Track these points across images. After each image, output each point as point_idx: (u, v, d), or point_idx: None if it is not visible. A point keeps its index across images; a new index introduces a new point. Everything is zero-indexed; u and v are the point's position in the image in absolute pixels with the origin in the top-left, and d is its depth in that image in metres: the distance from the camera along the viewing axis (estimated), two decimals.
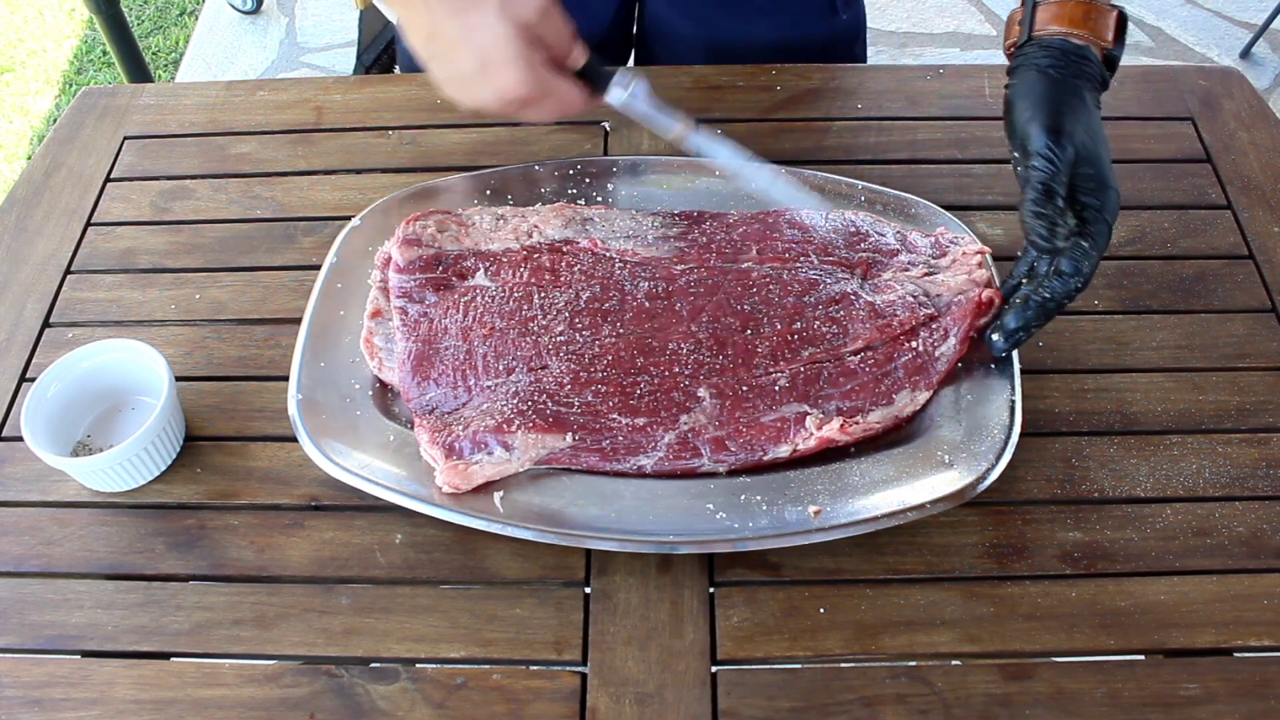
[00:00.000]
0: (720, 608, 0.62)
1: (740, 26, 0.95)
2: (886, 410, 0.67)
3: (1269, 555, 0.64)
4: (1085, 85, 0.64)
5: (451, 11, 0.59)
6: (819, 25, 0.96)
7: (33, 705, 0.59)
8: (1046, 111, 0.63)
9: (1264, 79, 2.15)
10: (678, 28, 0.97)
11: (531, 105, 0.62)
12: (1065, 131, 0.62)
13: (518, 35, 0.59)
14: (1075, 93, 0.63)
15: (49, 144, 0.89)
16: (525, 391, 0.66)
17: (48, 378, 0.67)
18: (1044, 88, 0.64)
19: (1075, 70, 0.64)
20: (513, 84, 0.60)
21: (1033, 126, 0.63)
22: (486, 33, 0.59)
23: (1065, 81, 0.64)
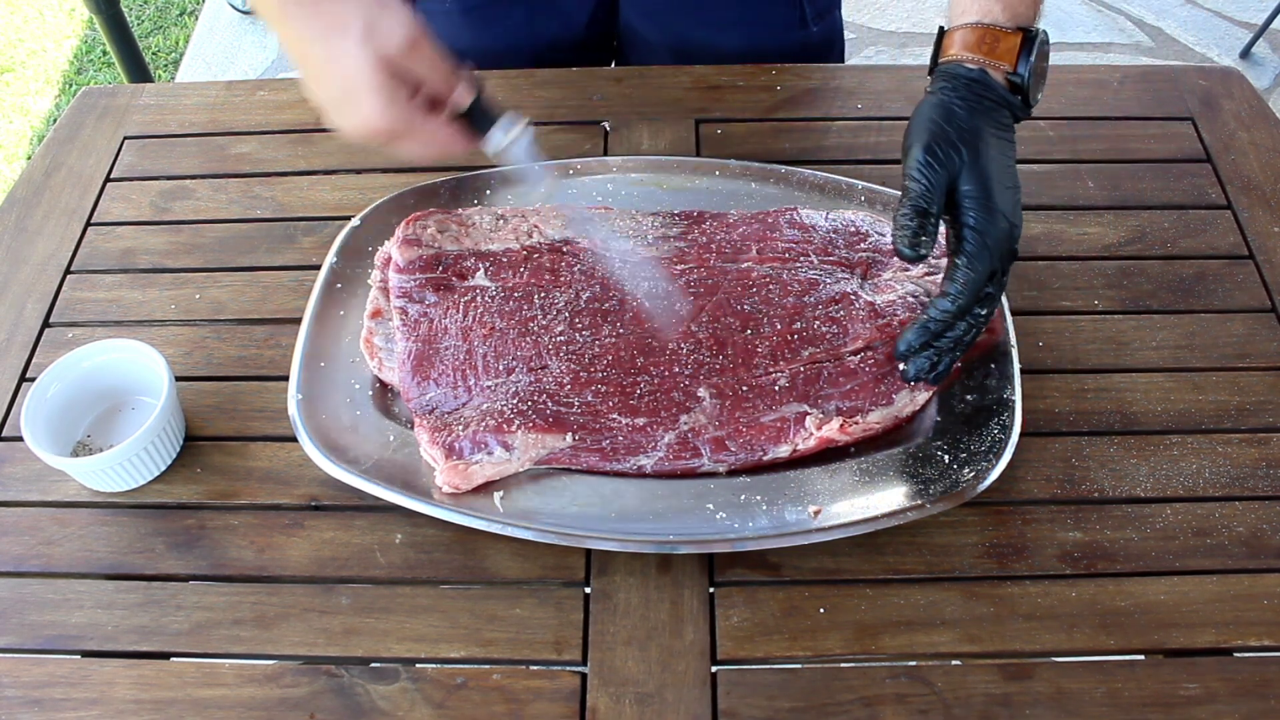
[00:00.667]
0: (720, 608, 0.62)
1: (710, 35, 0.95)
2: (886, 410, 0.67)
3: (1269, 555, 0.64)
4: (978, 110, 0.64)
5: (317, 36, 0.58)
6: (789, 36, 0.96)
7: (33, 705, 0.59)
8: (924, 133, 0.63)
9: (1264, 79, 2.15)
10: (649, 36, 0.97)
11: (397, 140, 0.61)
12: (939, 154, 0.62)
13: (379, 66, 0.58)
14: (961, 118, 0.64)
15: (49, 144, 0.89)
16: (525, 391, 0.66)
17: (48, 378, 0.67)
18: (929, 111, 0.64)
19: (966, 95, 0.64)
20: (372, 116, 0.59)
21: (911, 148, 0.63)
22: (348, 61, 0.58)
23: (950, 106, 0.64)
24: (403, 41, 0.58)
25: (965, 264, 0.62)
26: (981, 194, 0.62)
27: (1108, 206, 0.82)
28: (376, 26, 0.58)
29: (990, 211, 0.62)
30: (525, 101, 0.90)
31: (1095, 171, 0.85)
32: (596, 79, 0.92)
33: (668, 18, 0.96)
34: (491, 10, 0.94)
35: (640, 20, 0.97)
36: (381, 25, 0.58)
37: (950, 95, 0.65)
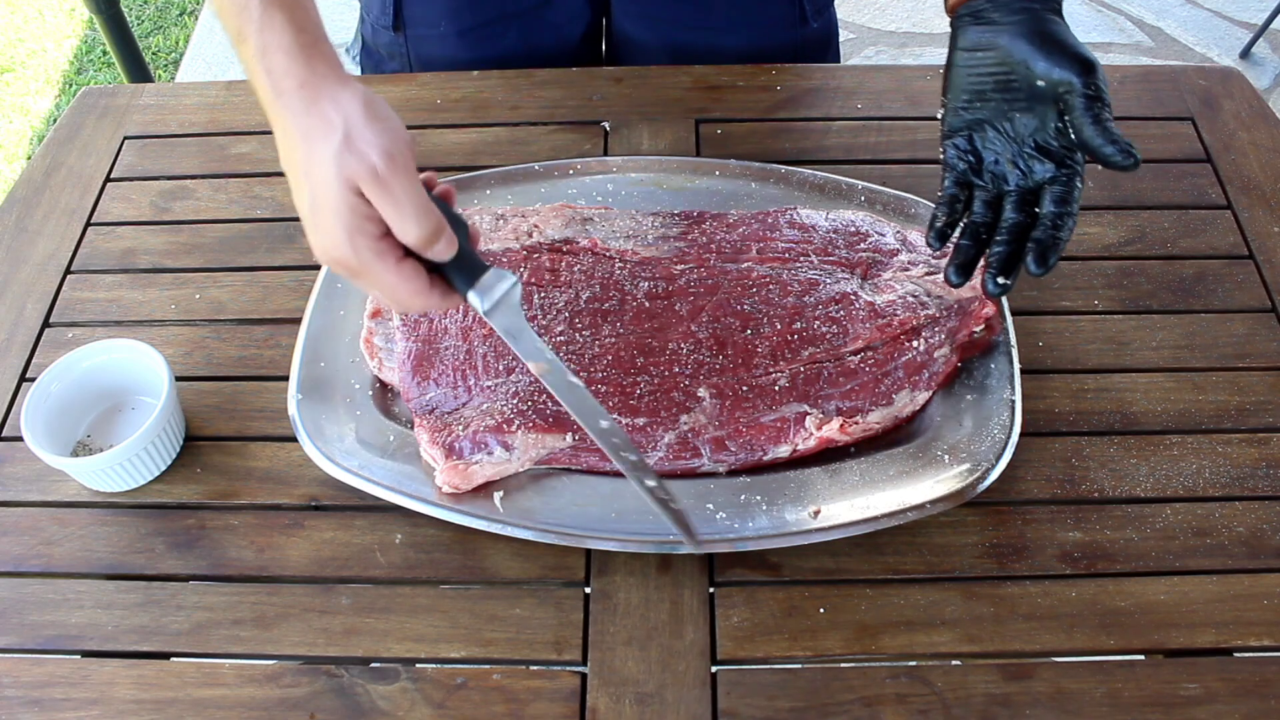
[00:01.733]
0: (720, 608, 0.62)
1: (708, 38, 0.95)
2: (886, 410, 0.67)
3: (1269, 555, 0.64)
4: (993, 25, 0.64)
5: (301, 140, 0.52)
6: (789, 34, 0.96)
7: (33, 705, 0.59)
8: (956, 93, 0.65)
9: (1264, 79, 2.15)
10: (645, 41, 0.97)
11: (355, 279, 0.54)
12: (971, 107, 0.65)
13: (348, 192, 0.51)
14: (990, 51, 0.64)
15: (49, 144, 0.89)
16: (525, 391, 0.66)
17: (48, 378, 0.67)
18: (955, 62, 0.66)
19: (973, 24, 0.65)
20: (330, 245, 0.52)
21: (1081, 51, 0.61)
22: (320, 172, 0.51)
23: (972, 48, 0.65)
24: (379, 166, 0.50)
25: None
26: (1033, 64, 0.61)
27: (1108, 206, 0.82)
28: (356, 141, 0.51)
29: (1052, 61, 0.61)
30: (525, 101, 0.90)
31: (1095, 171, 0.84)
32: (596, 79, 0.92)
33: (665, 22, 0.95)
34: (486, 30, 0.94)
35: (636, 27, 0.96)
36: (361, 141, 0.51)
37: (959, 37, 0.66)
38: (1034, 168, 0.63)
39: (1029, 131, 0.63)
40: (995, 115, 0.64)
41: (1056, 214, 0.61)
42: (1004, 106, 0.64)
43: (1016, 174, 0.64)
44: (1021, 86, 0.63)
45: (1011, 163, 0.64)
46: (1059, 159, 0.62)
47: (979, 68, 0.64)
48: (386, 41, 0.96)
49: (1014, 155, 0.64)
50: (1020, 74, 0.63)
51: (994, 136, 0.64)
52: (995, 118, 0.64)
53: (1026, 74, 0.62)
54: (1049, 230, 0.61)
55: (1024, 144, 0.63)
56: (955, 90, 0.65)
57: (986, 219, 0.64)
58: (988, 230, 0.63)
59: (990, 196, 0.64)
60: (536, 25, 0.94)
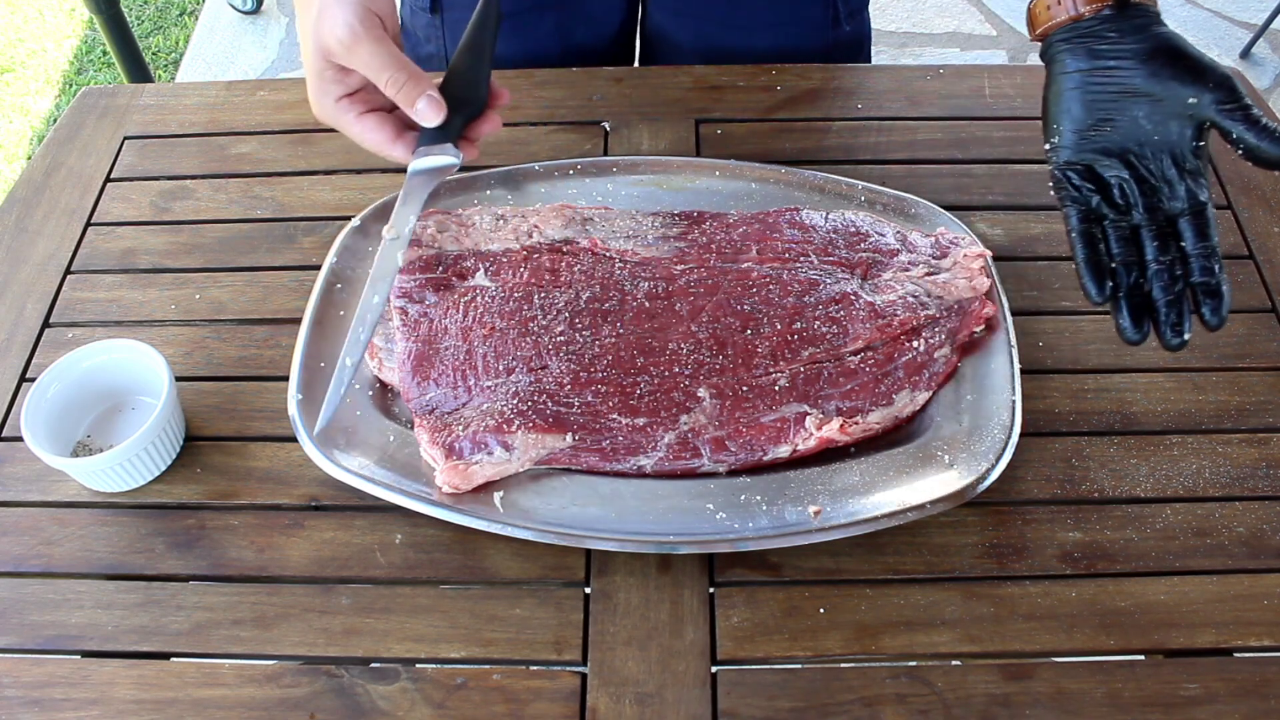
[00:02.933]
0: (720, 608, 0.62)
1: (742, 38, 0.94)
2: (886, 410, 0.67)
3: (1269, 555, 0.64)
4: (1093, 51, 0.63)
5: (298, 15, 0.63)
6: (822, 36, 0.95)
7: (33, 705, 0.59)
8: (1066, 120, 0.63)
9: (1264, 79, 2.15)
10: (679, 39, 0.97)
11: (337, 129, 0.64)
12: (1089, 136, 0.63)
13: (319, 54, 0.61)
14: (1091, 81, 0.63)
15: (49, 144, 0.89)
16: (525, 391, 0.66)
17: (48, 378, 0.67)
18: (1060, 90, 0.63)
19: (1075, 49, 0.63)
20: (311, 102, 0.63)
21: (1216, 64, 0.61)
22: (303, 46, 0.62)
23: (1073, 76, 0.63)
24: (340, 43, 0.60)
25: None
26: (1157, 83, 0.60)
27: None
28: (325, 16, 0.60)
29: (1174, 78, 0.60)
30: (525, 101, 0.90)
31: None
32: (596, 79, 0.92)
33: (699, 21, 0.95)
34: (521, 19, 0.94)
35: (671, 24, 0.96)
36: (328, 16, 0.60)
37: (1066, 61, 0.63)
38: (1165, 195, 0.61)
39: (1161, 154, 0.61)
40: (1123, 140, 0.61)
41: (1204, 250, 0.59)
42: (1133, 130, 0.61)
43: (1146, 202, 0.61)
44: (1154, 108, 0.60)
45: (1143, 191, 0.61)
46: (1190, 183, 0.60)
47: (1100, 90, 0.62)
48: (424, 24, 0.96)
49: (1145, 182, 0.61)
50: (1155, 94, 0.60)
51: (1117, 164, 0.61)
52: (1124, 143, 0.61)
53: (1164, 93, 0.60)
54: (1207, 273, 0.59)
55: (1155, 169, 0.61)
56: (1071, 116, 0.62)
57: (1131, 257, 0.61)
58: (1139, 270, 0.61)
59: (1125, 232, 0.61)
60: (573, 16, 0.95)
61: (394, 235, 0.66)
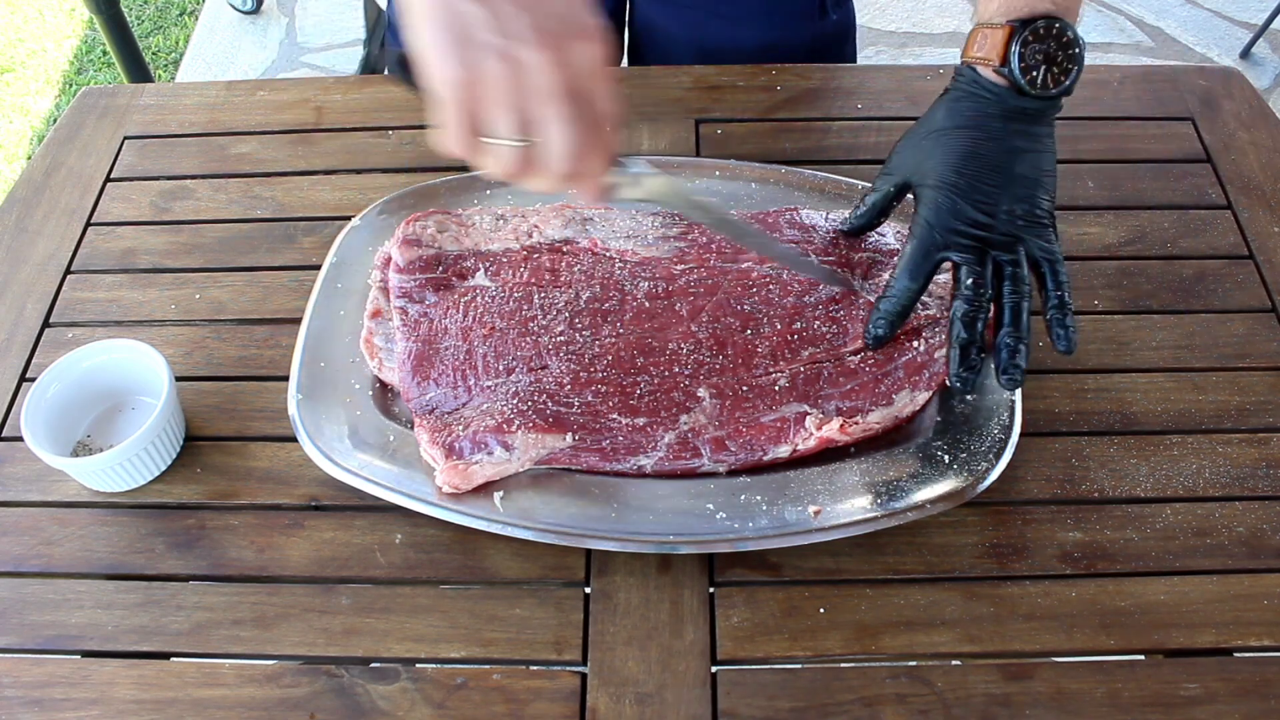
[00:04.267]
0: (720, 608, 0.62)
1: (729, 30, 0.95)
2: (886, 410, 0.67)
3: (1269, 555, 0.64)
4: (962, 110, 0.66)
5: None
6: (808, 27, 0.96)
7: (33, 705, 0.59)
8: (892, 154, 0.71)
9: (1264, 79, 2.15)
10: (667, 31, 0.97)
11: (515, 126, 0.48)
12: (891, 165, 0.71)
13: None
14: (938, 122, 0.67)
15: (49, 144, 0.89)
16: (525, 391, 0.66)
17: (48, 378, 0.67)
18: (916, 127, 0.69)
19: (953, 98, 0.68)
20: (540, 71, 0.45)
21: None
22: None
23: (934, 113, 0.68)
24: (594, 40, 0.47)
25: (908, 244, 0.65)
26: (935, 182, 0.65)
27: (1108, 206, 0.82)
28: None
29: (932, 202, 0.64)
30: None
31: (1095, 171, 0.85)
32: None
33: (686, 12, 0.95)
34: None
35: (659, 13, 0.96)
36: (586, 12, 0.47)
37: (941, 102, 0.67)
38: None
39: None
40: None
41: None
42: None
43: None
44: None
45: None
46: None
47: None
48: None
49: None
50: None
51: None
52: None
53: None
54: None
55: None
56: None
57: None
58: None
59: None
60: None
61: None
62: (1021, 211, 0.64)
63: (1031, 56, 0.63)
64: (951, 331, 0.63)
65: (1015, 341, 0.62)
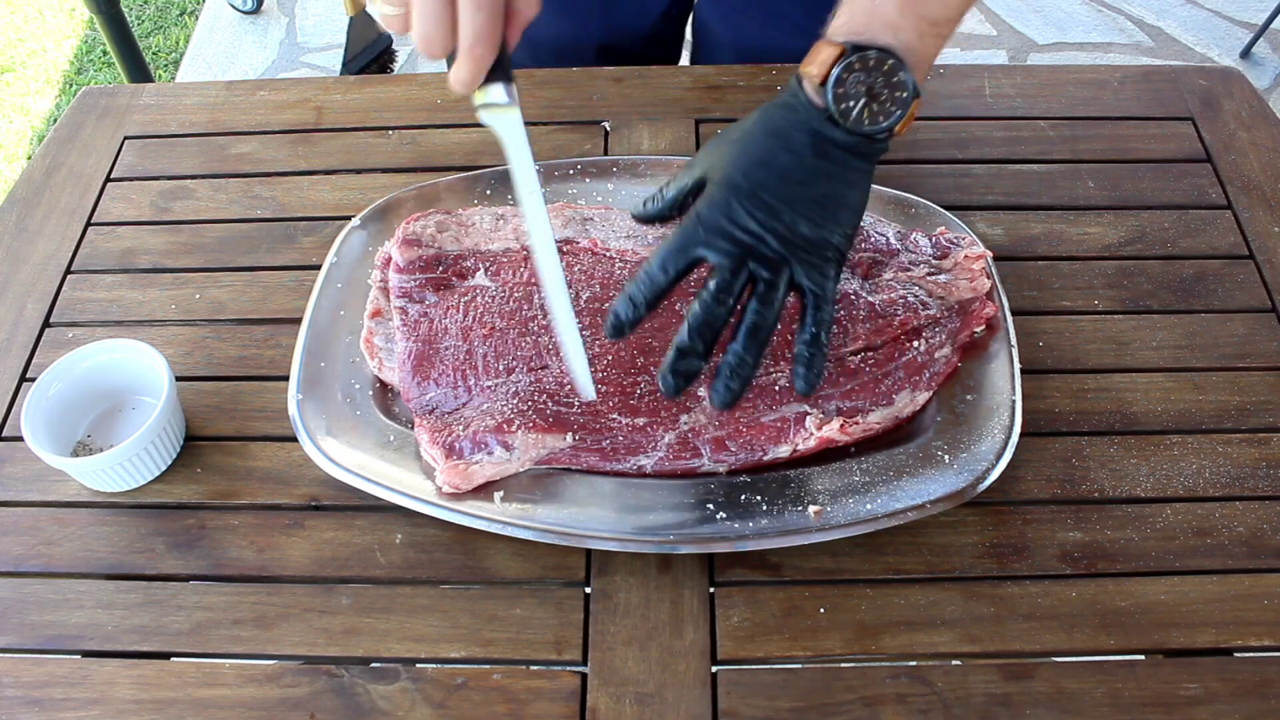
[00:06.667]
0: (720, 608, 0.62)
1: (779, 39, 0.95)
2: (886, 410, 0.67)
3: (1269, 555, 0.64)
4: (769, 117, 0.63)
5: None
6: None
7: (33, 705, 0.59)
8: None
9: (1264, 79, 2.15)
10: (720, 33, 0.98)
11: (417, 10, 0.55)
12: (694, 159, 0.66)
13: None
14: (746, 124, 0.64)
15: (49, 144, 0.89)
16: (525, 391, 0.66)
17: (48, 378, 0.67)
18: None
19: (771, 105, 0.64)
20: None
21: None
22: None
23: (748, 118, 0.65)
24: None
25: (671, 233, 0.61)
26: (719, 179, 0.61)
27: (1108, 206, 0.82)
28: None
29: (710, 196, 0.61)
30: (525, 101, 0.90)
31: (1095, 171, 0.85)
32: (596, 79, 0.92)
33: (739, 18, 0.96)
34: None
35: (714, 18, 0.97)
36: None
37: (761, 106, 0.64)
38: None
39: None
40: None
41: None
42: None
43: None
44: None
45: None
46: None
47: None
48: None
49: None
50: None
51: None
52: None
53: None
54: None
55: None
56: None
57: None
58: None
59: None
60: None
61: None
62: (802, 234, 0.60)
63: (853, 85, 0.60)
64: (678, 330, 0.60)
65: (736, 361, 0.60)
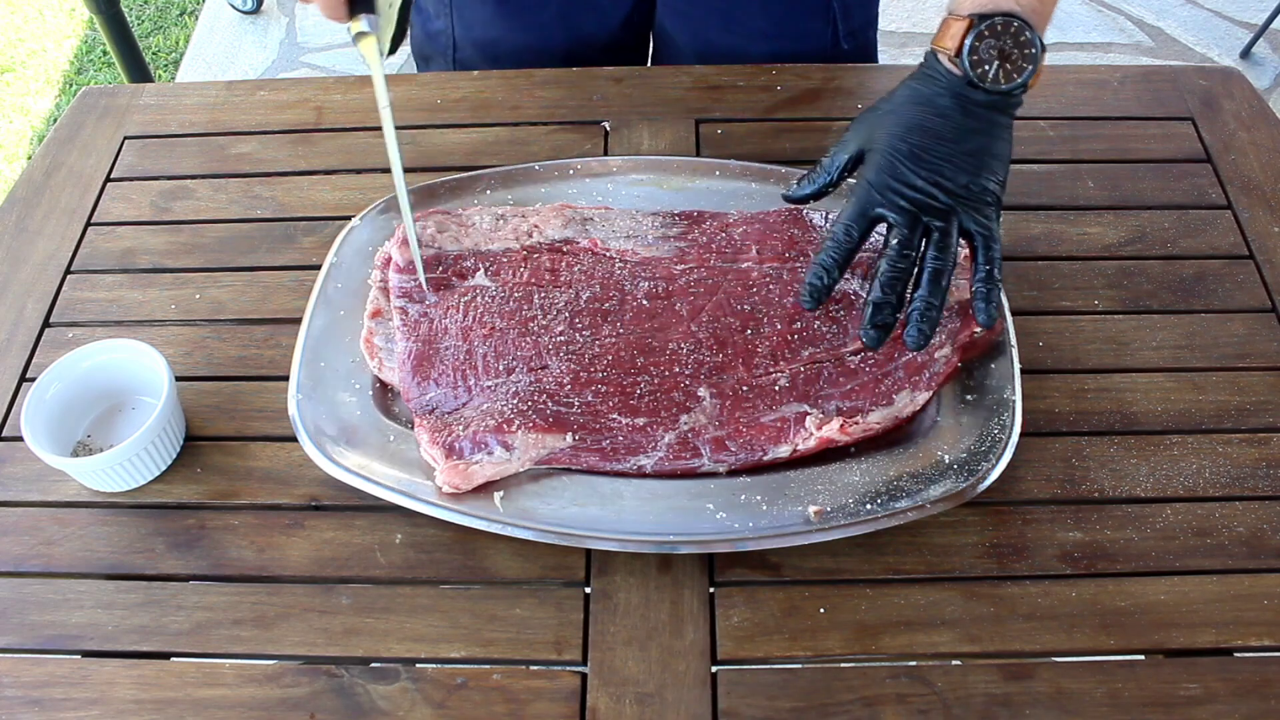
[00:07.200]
0: (720, 608, 0.62)
1: (740, 44, 0.95)
2: (886, 410, 0.67)
3: (1269, 555, 0.64)
4: (916, 92, 0.68)
5: None
6: (820, 53, 0.96)
7: (33, 705, 0.59)
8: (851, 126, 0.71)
9: (1264, 79, 2.15)
10: (680, 40, 0.98)
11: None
12: (848, 136, 0.71)
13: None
14: (897, 100, 0.69)
15: (49, 144, 0.89)
16: (525, 391, 0.66)
17: (48, 378, 0.67)
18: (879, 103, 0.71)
19: (911, 82, 0.69)
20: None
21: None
22: None
23: (893, 94, 0.70)
24: None
25: (848, 202, 0.66)
26: (882, 147, 0.66)
27: (1108, 206, 0.82)
28: None
29: (875, 164, 0.66)
30: (525, 101, 0.90)
31: (1095, 171, 0.85)
32: (596, 79, 0.92)
33: (699, 25, 0.96)
34: (524, 4, 0.94)
35: (673, 24, 0.97)
36: None
37: (903, 83, 0.69)
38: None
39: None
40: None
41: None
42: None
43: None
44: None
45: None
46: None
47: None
48: (434, 0, 0.98)
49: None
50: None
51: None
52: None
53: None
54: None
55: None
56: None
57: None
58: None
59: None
60: (577, 3, 0.95)
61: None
62: (963, 184, 0.65)
63: (985, 51, 0.65)
64: (870, 288, 0.65)
65: (924, 305, 0.64)
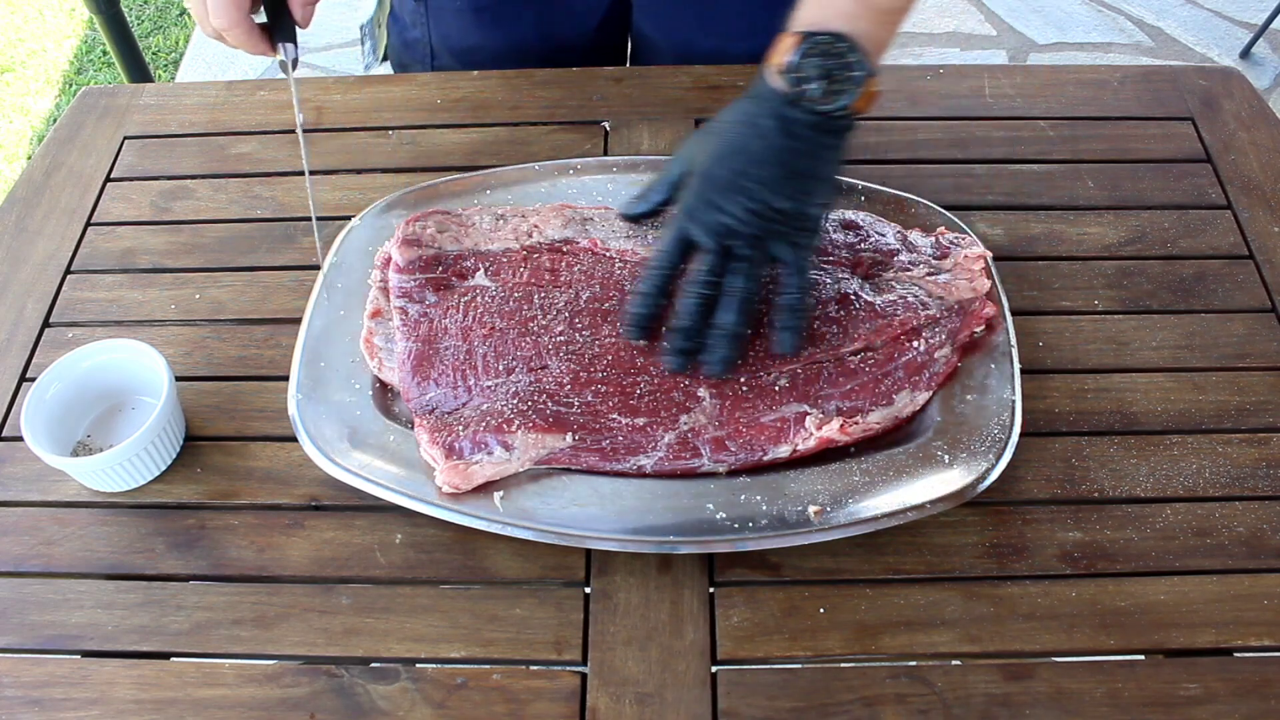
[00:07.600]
0: (720, 608, 0.62)
1: (718, 45, 0.95)
2: (886, 410, 0.67)
3: (1269, 555, 0.64)
4: (739, 107, 0.67)
5: None
6: None
7: (33, 705, 0.59)
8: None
9: (1264, 79, 2.15)
10: (658, 43, 0.98)
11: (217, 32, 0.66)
12: (675, 156, 0.72)
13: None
14: (722, 116, 0.69)
15: (49, 144, 0.89)
16: (525, 391, 0.66)
17: (48, 378, 0.67)
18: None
19: (742, 99, 0.68)
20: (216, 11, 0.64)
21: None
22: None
23: (722, 113, 0.69)
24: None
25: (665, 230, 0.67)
26: (698, 171, 0.66)
27: (1108, 206, 0.82)
28: None
29: (692, 188, 0.66)
30: (525, 101, 0.90)
31: (1095, 171, 0.85)
32: (596, 79, 0.92)
33: (677, 26, 0.96)
34: (502, 9, 0.94)
35: (650, 27, 0.97)
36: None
37: (734, 102, 0.68)
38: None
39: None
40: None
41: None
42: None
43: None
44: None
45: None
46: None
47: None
48: (410, 10, 0.98)
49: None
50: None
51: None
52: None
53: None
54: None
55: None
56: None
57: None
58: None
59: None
60: (553, 10, 0.95)
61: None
62: (778, 209, 0.64)
63: (809, 68, 0.64)
64: (675, 313, 0.66)
65: (724, 332, 0.65)
